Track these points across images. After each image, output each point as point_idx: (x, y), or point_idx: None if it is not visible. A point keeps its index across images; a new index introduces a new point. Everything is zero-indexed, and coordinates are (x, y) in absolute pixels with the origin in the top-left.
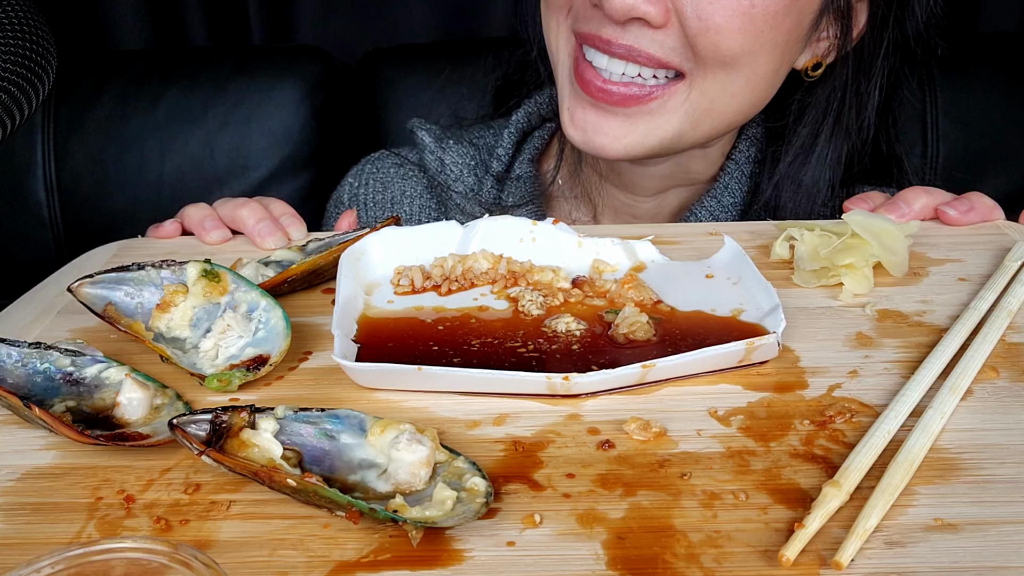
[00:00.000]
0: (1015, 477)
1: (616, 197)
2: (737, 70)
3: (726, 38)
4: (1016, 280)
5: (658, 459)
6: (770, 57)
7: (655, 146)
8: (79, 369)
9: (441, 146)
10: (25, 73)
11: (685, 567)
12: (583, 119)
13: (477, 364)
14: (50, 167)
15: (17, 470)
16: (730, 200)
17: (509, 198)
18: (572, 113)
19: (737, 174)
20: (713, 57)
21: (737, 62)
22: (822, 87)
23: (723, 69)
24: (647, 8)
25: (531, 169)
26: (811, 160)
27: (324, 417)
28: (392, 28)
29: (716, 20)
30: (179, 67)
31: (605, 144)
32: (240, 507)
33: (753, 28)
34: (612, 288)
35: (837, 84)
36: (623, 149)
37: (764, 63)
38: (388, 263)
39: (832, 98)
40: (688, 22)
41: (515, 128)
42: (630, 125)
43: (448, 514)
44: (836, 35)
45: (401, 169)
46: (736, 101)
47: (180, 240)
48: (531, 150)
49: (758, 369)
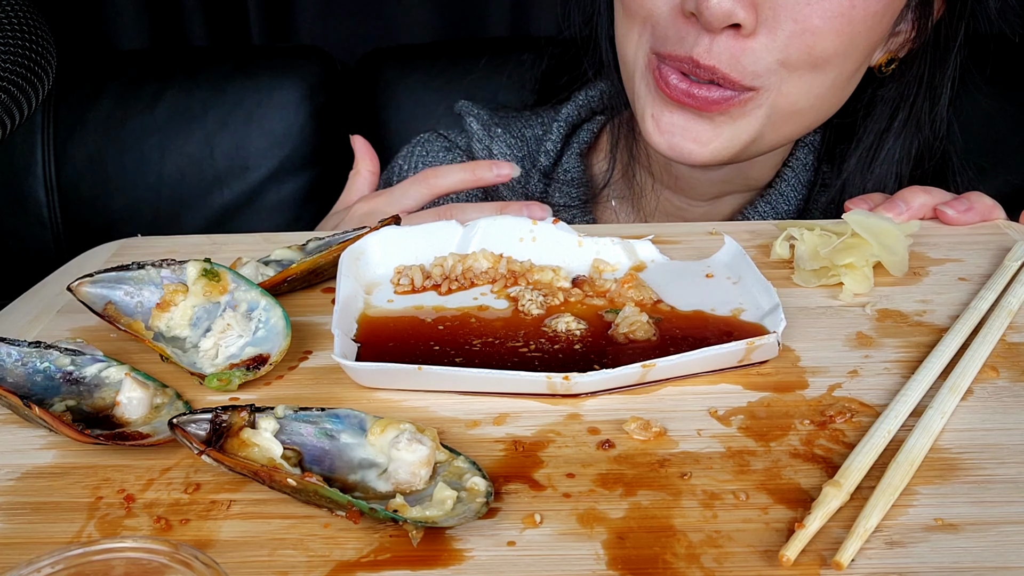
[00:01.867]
0: (1015, 477)
1: (669, 201)
2: (825, 72)
3: (822, 40)
4: (1016, 280)
5: (658, 459)
6: (858, 58)
7: (738, 150)
8: (79, 368)
9: (489, 135)
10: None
11: (685, 567)
12: (670, 123)
13: (478, 364)
14: (50, 167)
15: (17, 469)
16: (785, 208)
17: (556, 194)
18: (658, 120)
19: (794, 181)
20: (805, 60)
21: (828, 64)
22: (894, 82)
23: (811, 71)
24: (744, 14)
25: (579, 164)
26: (880, 156)
27: (324, 417)
28: (392, 28)
29: (814, 22)
30: (179, 67)
31: (693, 150)
32: (240, 507)
33: (851, 30)
34: (612, 287)
35: (911, 78)
36: (709, 155)
37: (852, 64)
38: (388, 262)
39: (907, 92)
40: (783, 25)
41: (565, 122)
42: (715, 130)
43: (448, 514)
44: (912, 29)
45: (450, 154)
46: (819, 103)
47: (180, 240)
48: (579, 144)
49: (758, 369)
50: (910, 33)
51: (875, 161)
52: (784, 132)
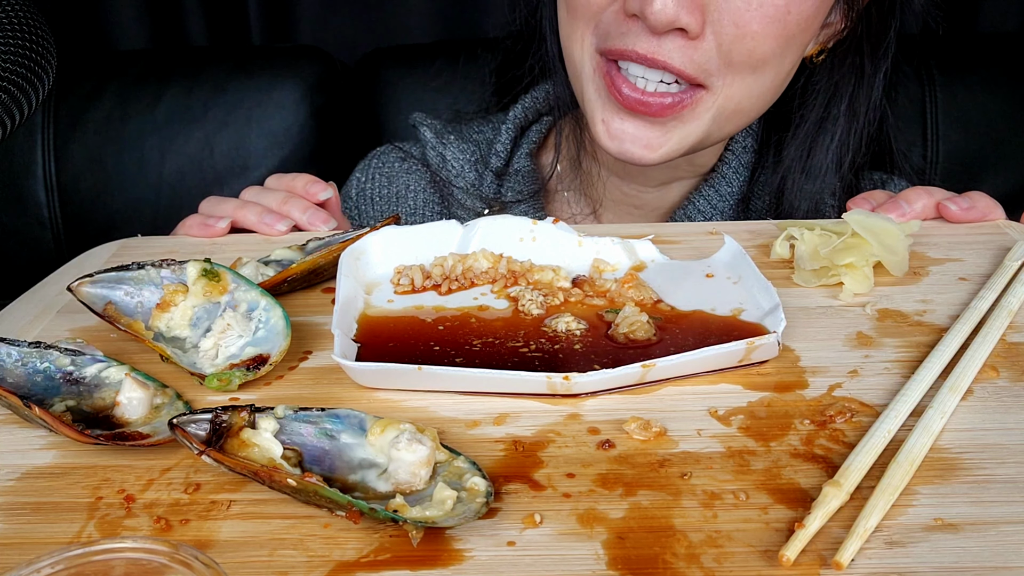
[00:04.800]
0: (1015, 477)
1: (619, 188)
2: (765, 73)
3: (761, 43)
4: (1016, 280)
5: (658, 459)
6: (794, 56)
7: (686, 151)
8: (79, 368)
9: (442, 142)
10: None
11: (685, 567)
12: (620, 130)
13: (478, 364)
14: (50, 167)
15: (17, 470)
16: (728, 189)
17: (508, 193)
18: (608, 125)
19: (735, 163)
20: (746, 62)
21: (767, 65)
22: (825, 71)
23: (752, 73)
24: (688, 19)
25: (529, 163)
26: (819, 143)
27: (324, 417)
28: (392, 28)
29: (753, 27)
30: (179, 67)
31: (644, 155)
32: (240, 507)
33: (787, 33)
34: (612, 287)
35: (847, 68)
36: (659, 158)
37: (789, 63)
38: (388, 262)
39: (842, 82)
40: (725, 29)
41: (512, 124)
42: (665, 135)
43: (448, 514)
44: (841, 20)
45: (405, 163)
46: (760, 100)
47: (180, 240)
48: (528, 144)
49: (758, 369)
50: (839, 24)
51: (815, 148)
52: (728, 130)
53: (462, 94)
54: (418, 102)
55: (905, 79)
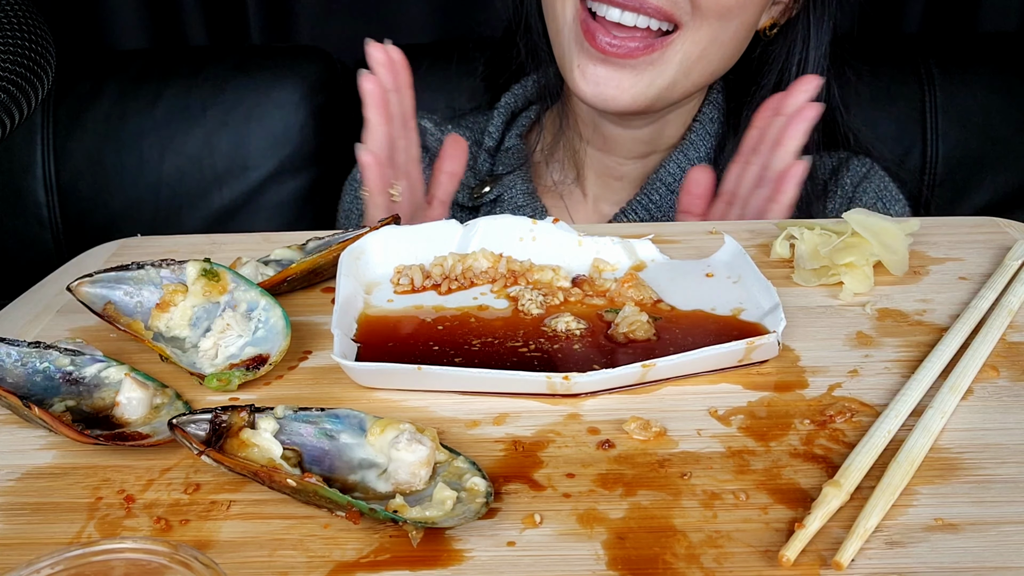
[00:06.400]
0: (1015, 477)
1: (600, 161)
2: (729, 21)
3: None
4: (1017, 279)
5: (658, 459)
6: (755, 10)
7: (655, 96)
8: (79, 368)
9: (441, 129)
10: (24, 72)
11: (685, 567)
12: (595, 74)
13: (477, 364)
14: (49, 167)
15: (17, 470)
16: (695, 155)
17: (500, 167)
18: (583, 69)
19: (702, 132)
20: (714, 9)
21: (731, 13)
22: (779, 44)
23: (718, 20)
24: None
25: (519, 143)
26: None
27: (324, 417)
28: (392, 28)
29: None
30: (178, 67)
31: (616, 96)
32: (240, 507)
33: None
34: (612, 287)
35: (795, 39)
36: (631, 99)
37: (750, 15)
38: (388, 262)
39: (791, 52)
40: None
41: (504, 109)
42: (636, 76)
43: (448, 514)
44: None
45: None
46: (723, 51)
47: (180, 240)
48: (519, 128)
49: (758, 368)
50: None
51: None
52: (693, 79)
53: (459, 92)
54: (418, 102)
55: (905, 78)
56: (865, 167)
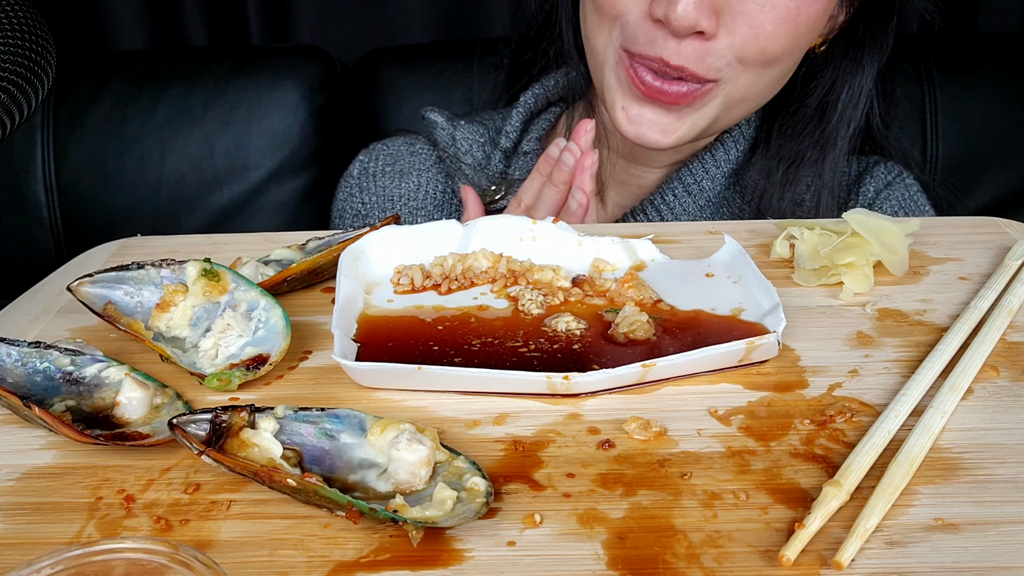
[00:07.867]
0: (1015, 477)
1: (625, 170)
2: (774, 67)
3: (773, 43)
4: (1017, 279)
5: (658, 459)
6: (801, 51)
7: (697, 135)
8: (79, 368)
9: (453, 124)
10: (25, 73)
11: (685, 567)
12: (639, 115)
13: (477, 364)
14: (49, 167)
15: (17, 470)
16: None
17: (516, 172)
18: (627, 111)
19: (735, 139)
20: (757, 59)
21: (777, 61)
22: (827, 61)
23: (762, 67)
24: (707, 23)
25: (538, 146)
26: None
27: (324, 417)
28: (392, 28)
29: (767, 28)
30: (178, 68)
31: (659, 139)
32: (240, 507)
33: (797, 32)
34: (612, 287)
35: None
36: (672, 141)
37: (796, 58)
38: (388, 262)
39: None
40: (738, 30)
41: (523, 108)
42: (679, 120)
43: (448, 514)
44: (841, 13)
45: (412, 146)
46: (766, 89)
47: (180, 240)
48: (538, 130)
49: (758, 368)
50: (841, 16)
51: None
52: (734, 116)
53: (458, 92)
54: (418, 102)
55: (905, 78)
56: (892, 174)
